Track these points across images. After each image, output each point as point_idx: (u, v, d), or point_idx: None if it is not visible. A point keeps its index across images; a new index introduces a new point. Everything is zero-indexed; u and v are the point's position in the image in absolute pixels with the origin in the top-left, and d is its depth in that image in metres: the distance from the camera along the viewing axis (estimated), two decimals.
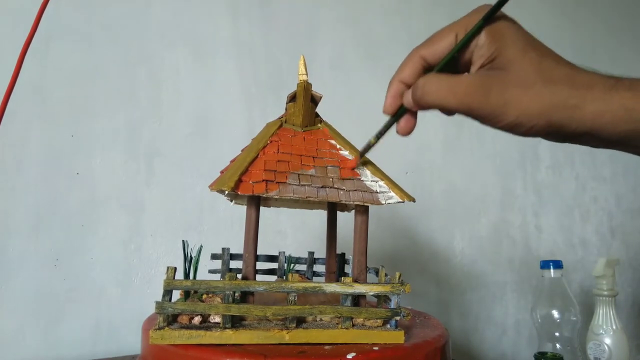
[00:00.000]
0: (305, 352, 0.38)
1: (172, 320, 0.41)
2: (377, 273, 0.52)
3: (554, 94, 0.32)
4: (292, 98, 0.48)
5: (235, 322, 0.41)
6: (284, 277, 0.58)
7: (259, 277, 0.48)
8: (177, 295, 0.44)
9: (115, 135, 0.77)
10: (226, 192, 0.42)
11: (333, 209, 0.59)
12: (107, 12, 0.79)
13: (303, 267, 0.62)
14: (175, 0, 0.84)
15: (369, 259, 0.47)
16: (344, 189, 0.45)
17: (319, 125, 0.50)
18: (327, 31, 0.97)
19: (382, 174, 0.47)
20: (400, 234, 0.97)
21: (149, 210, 0.78)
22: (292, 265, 0.59)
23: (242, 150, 0.48)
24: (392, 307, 0.43)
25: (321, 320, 0.44)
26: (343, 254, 0.60)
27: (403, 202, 0.46)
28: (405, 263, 0.96)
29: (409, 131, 0.39)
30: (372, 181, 0.46)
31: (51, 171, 0.72)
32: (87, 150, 0.75)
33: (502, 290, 1.07)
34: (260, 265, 0.50)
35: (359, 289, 0.42)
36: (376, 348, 0.40)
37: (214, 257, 0.56)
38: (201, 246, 0.48)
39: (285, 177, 0.43)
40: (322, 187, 0.44)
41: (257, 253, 0.45)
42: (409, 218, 0.98)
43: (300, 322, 0.42)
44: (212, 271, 0.58)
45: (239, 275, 0.44)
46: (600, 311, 0.75)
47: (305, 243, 0.85)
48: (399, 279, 0.45)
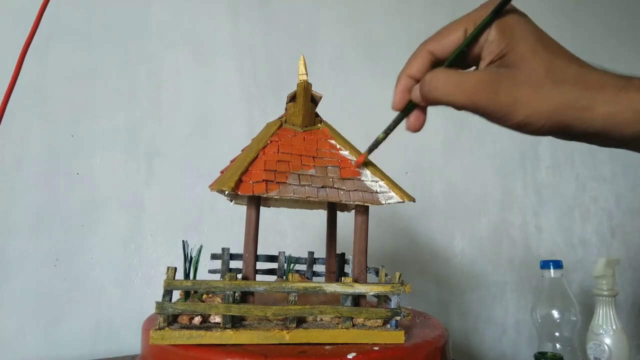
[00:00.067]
0: (306, 352, 0.38)
1: (172, 320, 0.41)
2: (377, 273, 0.52)
3: (563, 95, 0.31)
4: (292, 98, 0.48)
5: (236, 322, 0.41)
6: (284, 277, 0.58)
7: (259, 277, 0.48)
8: (177, 295, 0.44)
9: (115, 135, 0.77)
10: (226, 192, 0.42)
11: (333, 209, 0.59)
12: (107, 12, 0.79)
13: (303, 267, 0.62)
14: (175, 0, 0.84)
15: (369, 259, 0.47)
16: (344, 189, 0.45)
17: (319, 125, 0.50)
18: (327, 31, 0.97)
19: (382, 174, 0.47)
20: (400, 234, 0.97)
21: (149, 210, 0.78)
22: (292, 265, 0.59)
23: (242, 150, 0.48)
24: (393, 307, 0.43)
25: (321, 320, 0.44)
26: (343, 254, 0.60)
27: (403, 202, 0.46)
28: (405, 263, 0.96)
29: (419, 127, 0.39)
30: (372, 181, 0.46)
31: (51, 171, 0.72)
32: (87, 150, 0.75)
33: (502, 290, 1.07)
34: (260, 265, 0.50)
35: (359, 289, 0.42)
36: (376, 348, 0.40)
37: (214, 257, 0.56)
38: (201, 246, 0.48)
39: (286, 177, 0.43)
40: (322, 187, 0.44)
41: (257, 253, 0.45)
42: (409, 218, 0.98)
43: (300, 322, 0.42)
44: (212, 271, 0.58)
45: (239, 275, 0.44)
46: (600, 311, 0.75)
47: (305, 243, 0.85)
48: (399, 279, 0.45)
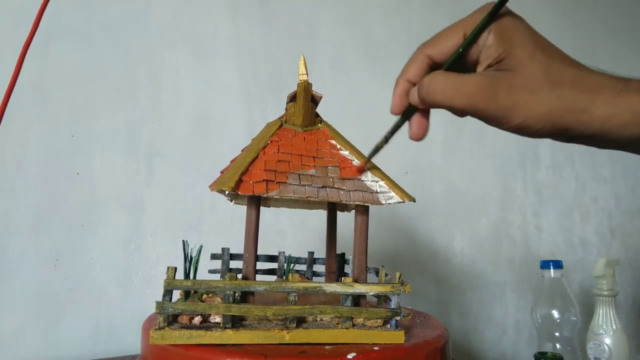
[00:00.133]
0: (306, 352, 0.38)
1: (172, 320, 0.41)
2: (377, 273, 0.52)
3: (561, 98, 0.31)
4: (292, 98, 0.48)
5: (236, 322, 0.41)
6: (284, 277, 0.58)
7: (258, 277, 0.48)
8: (177, 295, 0.44)
9: (115, 135, 0.77)
10: (226, 192, 0.42)
11: (333, 209, 0.59)
12: (107, 12, 0.79)
13: (303, 267, 0.62)
14: (175, 0, 0.84)
15: (369, 259, 0.47)
16: (345, 189, 0.45)
17: (319, 125, 0.50)
18: (327, 31, 0.97)
19: (382, 174, 0.47)
20: (400, 234, 0.97)
21: (149, 210, 0.78)
22: (292, 265, 0.59)
23: (242, 150, 0.48)
24: (393, 307, 0.43)
25: (321, 320, 0.44)
26: (343, 254, 0.60)
27: (403, 202, 0.46)
28: (405, 263, 0.96)
29: (422, 135, 0.38)
30: (372, 181, 0.46)
31: (51, 171, 0.72)
32: (87, 150, 0.75)
33: (502, 290, 1.07)
34: (260, 265, 0.50)
35: (359, 289, 0.42)
36: (376, 348, 0.40)
37: (214, 257, 0.56)
38: (201, 246, 0.48)
39: (286, 177, 0.43)
40: (322, 187, 0.44)
41: (257, 253, 0.45)
42: (409, 218, 0.98)
43: (300, 322, 0.42)
44: (212, 271, 0.58)
45: (239, 275, 0.44)
46: (600, 311, 0.75)
47: (305, 243, 0.85)
48: (399, 279, 0.45)
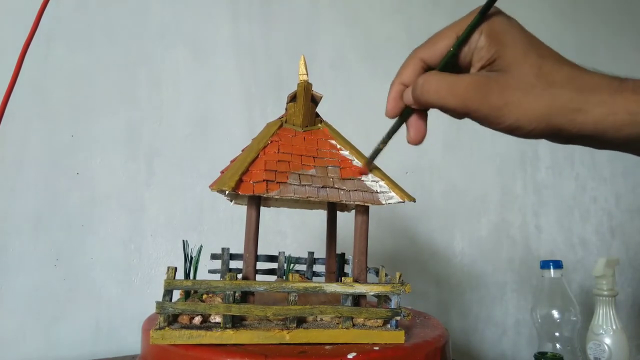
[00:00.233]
0: (306, 352, 0.38)
1: (172, 320, 0.41)
2: (377, 273, 0.52)
3: (554, 97, 0.31)
4: (293, 98, 0.48)
5: (236, 322, 0.41)
6: (284, 277, 0.58)
7: (258, 277, 0.48)
8: (177, 295, 0.44)
9: (115, 135, 0.77)
10: (227, 192, 0.42)
11: (333, 209, 0.59)
12: (107, 12, 0.79)
13: (303, 267, 0.62)
14: (175, 0, 0.84)
15: (369, 259, 0.47)
16: (345, 189, 0.45)
17: (319, 125, 0.50)
18: (327, 31, 0.97)
19: (382, 174, 0.47)
20: (400, 234, 0.97)
21: (149, 210, 0.78)
22: (292, 265, 0.59)
23: (242, 150, 0.48)
24: (393, 307, 0.43)
25: (322, 320, 0.44)
26: (343, 254, 0.60)
27: (403, 202, 0.46)
28: (405, 263, 0.96)
29: (419, 139, 0.38)
30: (372, 181, 0.46)
31: (51, 171, 0.72)
32: (87, 150, 0.75)
33: (502, 290, 1.07)
34: (260, 265, 0.50)
35: (360, 289, 0.42)
36: (377, 348, 0.40)
37: (214, 257, 0.56)
38: (201, 246, 0.48)
39: (286, 177, 0.43)
40: (322, 187, 0.44)
41: (257, 253, 0.45)
42: (409, 218, 0.98)
43: (300, 322, 0.42)
44: (212, 271, 0.58)
45: (239, 275, 0.44)
46: (600, 311, 0.75)
47: (305, 243, 0.85)
48: (399, 279, 0.45)
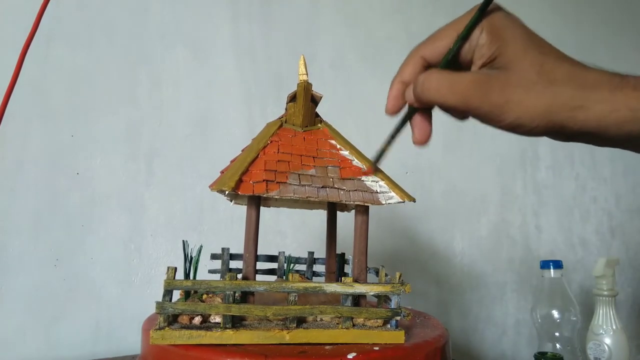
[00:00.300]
0: (306, 352, 0.38)
1: (172, 320, 0.41)
2: (377, 273, 0.52)
3: (556, 95, 0.31)
4: (292, 98, 0.48)
5: (236, 322, 0.41)
6: (284, 277, 0.58)
7: (258, 277, 0.48)
8: (177, 295, 0.44)
9: (115, 135, 0.77)
10: (226, 192, 0.42)
11: (333, 209, 0.59)
12: (107, 12, 0.79)
13: (303, 267, 0.62)
14: (175, 0, 0.84)
15: (369, 259, 0.47)
16: (345, 189, 0.45)
17: (319, 125, 0.50)
18: (327, 31, 0.97)
19: (382, 174, 0.47)
20: (400, 234, 0.97)
21: (149, 210, 0.78)
22: (292, 265, 0.59)
23: (242, 150, 0.48)
24: (393, 307, 0.43)
25: (321, 320, 0.44)
26: (343, 254, 0.60)
27: (403, 202, 0.46)
28: (405, 263, 0.96)
29: (425, 140, 0.37)
30: (372, 181, 0.46)
31: (51, 171, 0.72)
32: (87, 150, 0.75)
33: (502, 290, 1.07)
34: (260, 265, 0.50)
35: (360, 289, 0.42)
36: (377, 348, 0.40)
37: (214, 257, 0.56)
38: (201, 246, 0.48)
39: (286, 177, 0.43)
40: (322, 187, 0.44)
41: (257, 253, 0.45)
42: (409, 218, 0.98)
43: (300, 322, 0.42)
44: (212, 271, 0.58)
45: (239, 275, 0.44)
46: (600, 311, 0.75)
47: (305, 243, 0.85)
48: (399, 279, 0.45)
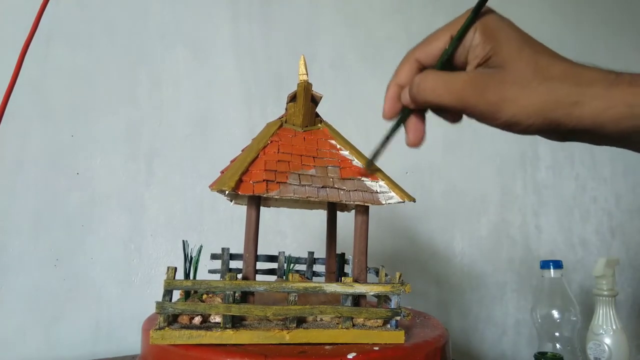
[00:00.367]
0: (306, 352, 0.38)
1: (172, 320, 0.41)
2: (377, 273, 0.52)
3: (551, 91, 0.31)
4: (292, 98, 0.48)
5: (236, 322, 0.41)
6: (284, 277, 0.58)
7: (258, 277, 0.48)
8: (177, 295, 0.44)
9: (115, 135, 0.77)
10: (227, 192, 0.42)
11: (333, 209, 0.59)
12: (107, 12, 0.79)
13: (303, 267, 0.62)
14: (175, 0, 0.84)
15: (369, 259, 0.47)
16: (345, 189, 0.45)
17: (319, 125, 0.50)
18: (327, 31, 0.97)
19: (382, 174, 0.47)
20: (400, 234, 0.97)
21: (149, 210, 0.78)
22: (292, 265, 0.59)
23: (242, 150, 0.48)
24: (393, 307, 0.43)
25: (321, 320, 0.44)
26: (343, 254, 0.60)
27: (403, 202, 0.46)
28: (405, 263, 0.96)
29: (418, 142, 0.38)
30: (372, 181, 0.46)
31: (51, 171, 0.72)
32: (87, 150, 0.75)
33: (502, 290, 1.07)
34: (260, 265, 0.50)
35: (360, 289, 0.42)
36: (376, 348, 0.40)
37: (214, 257, 0.56)
38: (201, 246, 0.48)
39: (286, 177, 0.43)
40: (322, 187, 0.44)
41: (257, 253, 0.45)
42: (409, 218, 0.98)
43: (300, 322, 0.42)
44: (212, 271, 0.58)
45: (239, 275, 0.44)
46: (600, 311, 0.75)
47: (305, 243, 0.85)
48: (399, 279, 0.45)
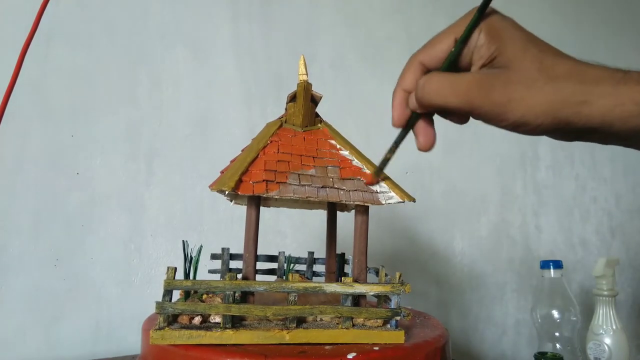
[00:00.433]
0: (306, 352, 0.38)
1: (172, 320, 0.41)
2: (377, 273, 0.52)
3: (558, 91, 0.31)
4: (292, 98, 0.48)
5: (236, 322, 0.41)
6: (284, 277, 0.58)
7: (258, 277, 0.48)
8: (177, 295, 0.44)
9: (115, 135, 0.77)
10: (226, 192, 0.42)
11: (333, 209, 0.59)
12: (107, 12, 0.79)
13: (303, 267, 0.62)
14: (175, 0, 0.84)
15: (369, 259, 0.47)
16: (344, 189, 0.45)
17: (319, 125, 0.50)
18: (327, 31, 0.97)
19: (382, 174, 0.47)
20: (400, 234, 0.97)
21: (149, 210, 0.78)
22: (292, 265, 0.59)
23: (242, 150, 0.48)
24: (393, 307, 0.43)
25: (321, 320, 0.44)
26: (343, 254, 0.60)
27: (403, 202, 0.46)
28: (405, 263, 0.96)
29: (430, 145, 0.37)
30: None
31: (51, 171, 0.72)
32: (87, 150, 0.75)
33: (502, 290, 1.07)
34: (260, 265, 0.50)
35: (359, 289, 0.42)
36: (376, 348, 0.40)
37: (214, 257, 0.56)
38: (201, 246, 0.48)
39: (286, 177, 0.43)
40: (322, 187, 0.44)
41: (257, 253, 0.45)
42: (409, 218, 0.98)
43: (300, 322, 0.42)
44: (212, 271, 0.58)
45: (239, 275, 0.44)
46: (600, 311, 0.75)
47: (305, 243, 0.85)
48: (399, 279, 0.45)
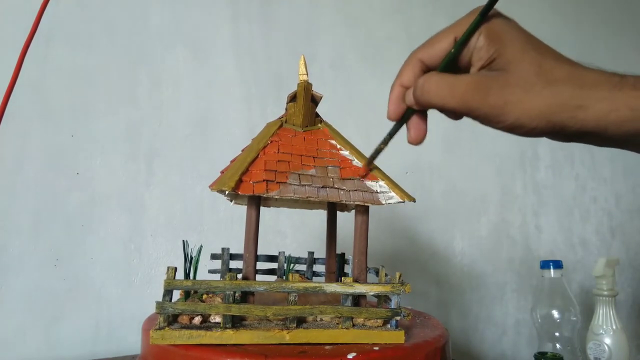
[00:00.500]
0: (306, 352, 0.38)
1: (172, 320, 0.41)
2: (377, 273, 0.52)
3: (555, 94, 0.31)
4: (293, 98, 0.48)
5: (236, 322, 0.41)
6: (284, 277, 0.58)
7: (258, 277, 0.48)
8: (177, 295, 0.44)
9: (115, 135, 0.77)
10: (227, 192, 0.42)
11: (333, 209, 0.59)
12: (107, 12, 0.79)
13: (303, 267, 0.62)
14: (175, 0, 0.84)
15: (369, 259, 0.47)
16: (345, 189, 0.45)
17: (319, 125, 0.50)
18: (327, 31, 0.97)
19: (382, 174, 0.47)
20: (400, 234, 0.97)
21: (149, 210, 0.78)
22: (292, 265, 0.59)
23: (242, 150, 0.48)
24: (393, 307, 0.43)
25: (321, 320, 0.44)
26: (343, 254, 0.60)
27: (403, 202, 0.46)
28: (405, 263, 0.96)
29: (420, 139, 0.39)
30: (372, 181, 0.46)
31: (51, 171, 0.72)
32: (87, 150, 0.75)
33: (502, 290, 1.07)
34: (260, 265, 0.50)
35: (360, 289, 0.42)
36: (376, 348, 0.40)
37: (214, 257, 0.56)
38: (201, 246, 0.48)
39: (286, 177, 0.43)
40: (322, 187, 0.44)
41: (257, 253, 0.45)
42: (409, 218, 0.98)
43: (300, 322, 0.42)
44: (212, 271, 0.58)
45: (239, 275, 0.44)
46: (600, 311, 0.75)
47: (305, 243, 0.85)
48: (399, 279, 0.45)
